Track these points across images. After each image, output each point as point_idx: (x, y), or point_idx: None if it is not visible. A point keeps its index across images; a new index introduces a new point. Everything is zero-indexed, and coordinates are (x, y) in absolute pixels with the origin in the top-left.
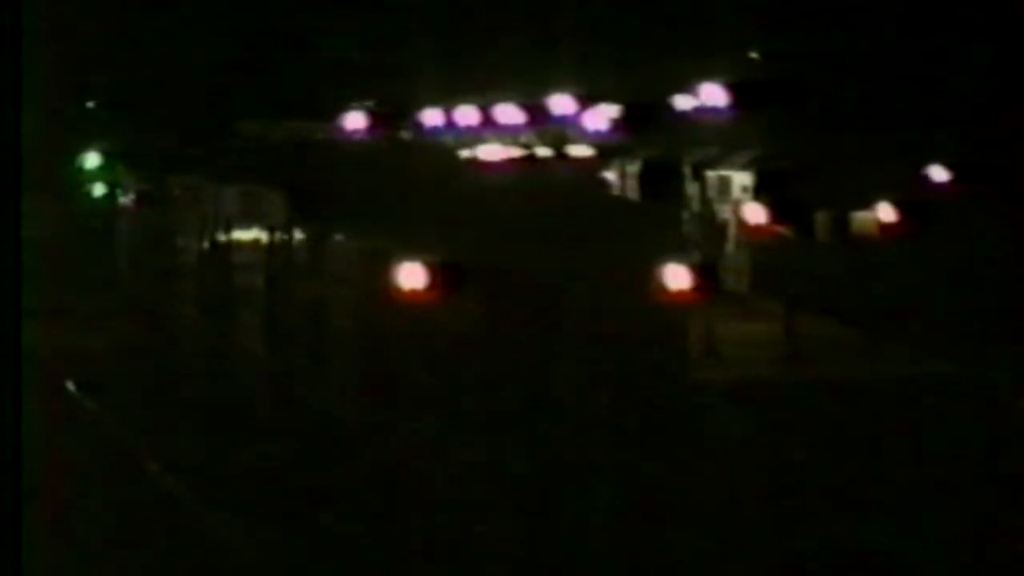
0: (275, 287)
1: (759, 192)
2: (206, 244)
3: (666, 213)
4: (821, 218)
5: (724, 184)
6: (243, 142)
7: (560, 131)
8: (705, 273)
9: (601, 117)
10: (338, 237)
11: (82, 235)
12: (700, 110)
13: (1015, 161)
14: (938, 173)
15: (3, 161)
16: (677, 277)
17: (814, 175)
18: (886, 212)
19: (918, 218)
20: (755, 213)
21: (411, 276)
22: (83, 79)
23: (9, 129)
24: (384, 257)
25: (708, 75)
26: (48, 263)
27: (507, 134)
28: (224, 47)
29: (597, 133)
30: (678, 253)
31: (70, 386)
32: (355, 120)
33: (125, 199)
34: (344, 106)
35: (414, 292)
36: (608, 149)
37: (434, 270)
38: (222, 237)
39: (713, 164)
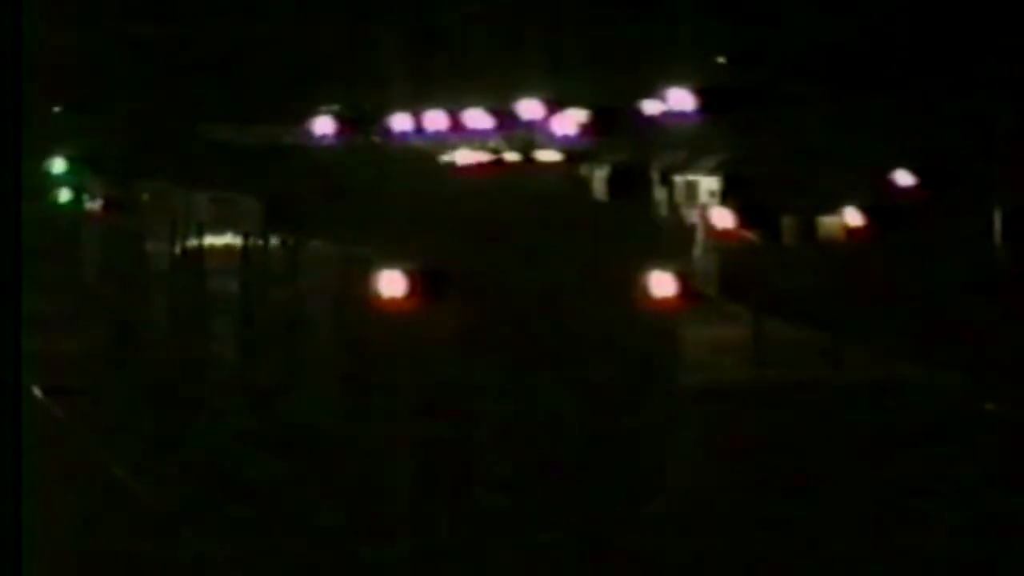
0: (250, 294)
1: (726, 196)
2: (177, 250)
3: (643, 217)
4: (788, 222)
5: (691, 189)
6: (209, 147)
7: (528, 136)
8: (689, 280)
9: (569, 122)
10: (314, 244)
11: (48, 240)
12: (668, 115)
13: (980, 165)
14: (903, 177)
15: (3, 164)
16: (662, 284)
17: (781, 179)
18: (852, 216)
19: (884, 222)
20: (722, 217)
21: (391, 284)
22: (48, 83)
23: (9, 132)
24: (362, 264)
25: (676, 80)
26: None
27: (475, 139)
28: (191, 51)
29: (565, 138)
30: (662, 258)
31: (36, 391)
32: (323, 125)
33: (92, 204)
34: (312, 111)
35: (394, 300)
36: (576, 154)
37: (414, 278)
38: (194, 243)
39: (680, 169)
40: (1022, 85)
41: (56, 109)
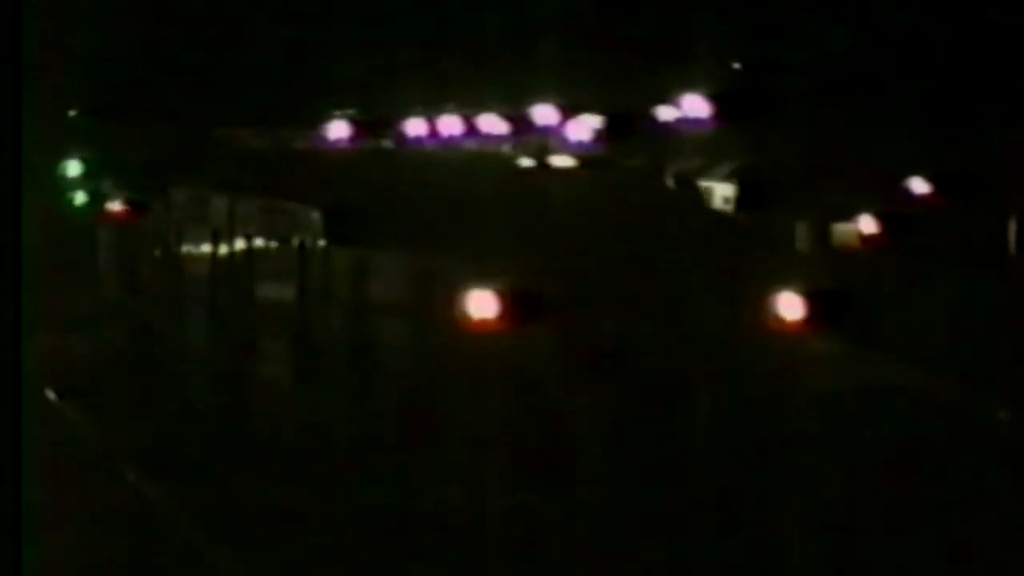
0: (307, 311)
1: (740, 203)
2: (219, 258)
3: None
4: (802, 229)
5: (706, 195)
6: (228, 150)
7: (542, 141)
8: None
9: (583, 128)
10: (383, 256)
11: (64, 242)
12: (682, 121)
13: (996, 173)
14: (919, 185)
15: (3, 164)
16: (792, 306)
17: (795, 186)
18: (867, 224)
19: (899, 230)
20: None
21: (481, 304)
22: (63, 86)
23: (9, 132)
24: (437, 279)
25: (690, 86)
26: (29, 268)
27: (489, 144)
28: (204, 54)
29: (579, 144)
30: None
31: (50, 394)
32: (338, 129)
33: (111, 207)
34: (327, 115)
35: (484, 322)
36: (590, 160)
37: (507, 298)
38: (239, 253)
39: (695, 175)
40: None
41: (72, 113)
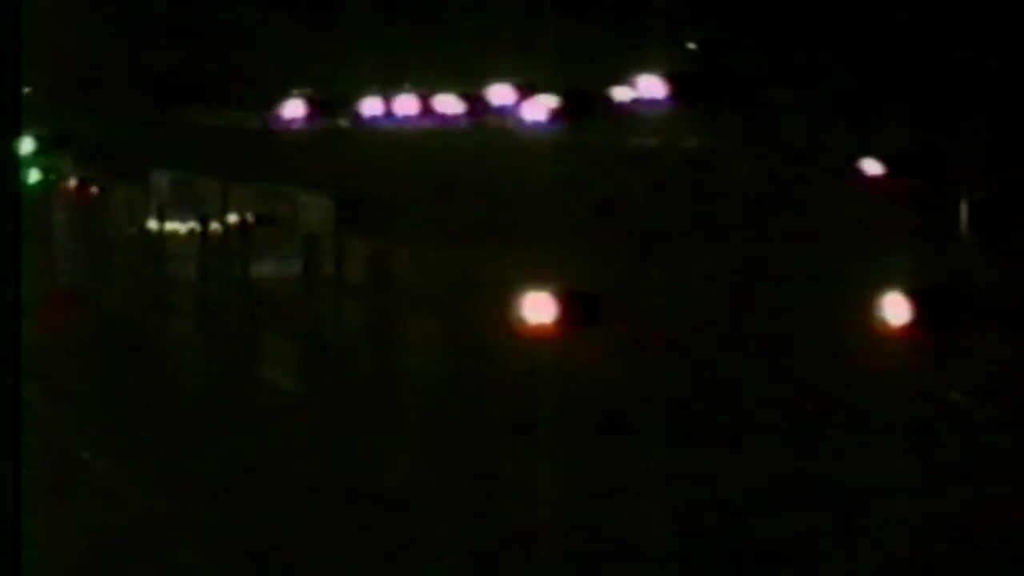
0: (317, 309)
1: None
2: (209, 244)
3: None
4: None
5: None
6: (185, 130)
7: (499, 121)
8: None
9: (540, 108)
10: (406, 250)
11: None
12: (638, 102)
13: (949, 155)
14: (872, 166)
15: (3, 163)
16: (897, 309)
17: (750, 167)
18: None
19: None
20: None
21: (538, 308)
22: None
23: (8, 131)
24: (469, 274)
25: (647, 67)
26: None
27: (446, 125)
28: (158, 33)
29: (535, 124)
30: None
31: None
32: (294, 108)
33: (67, 185)
34: (282, 94)
35: (541, 327)
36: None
37: (565, 301)
38: (233, 238)
39: (648, 157)
40: (993, 73)
41: (26, 90)
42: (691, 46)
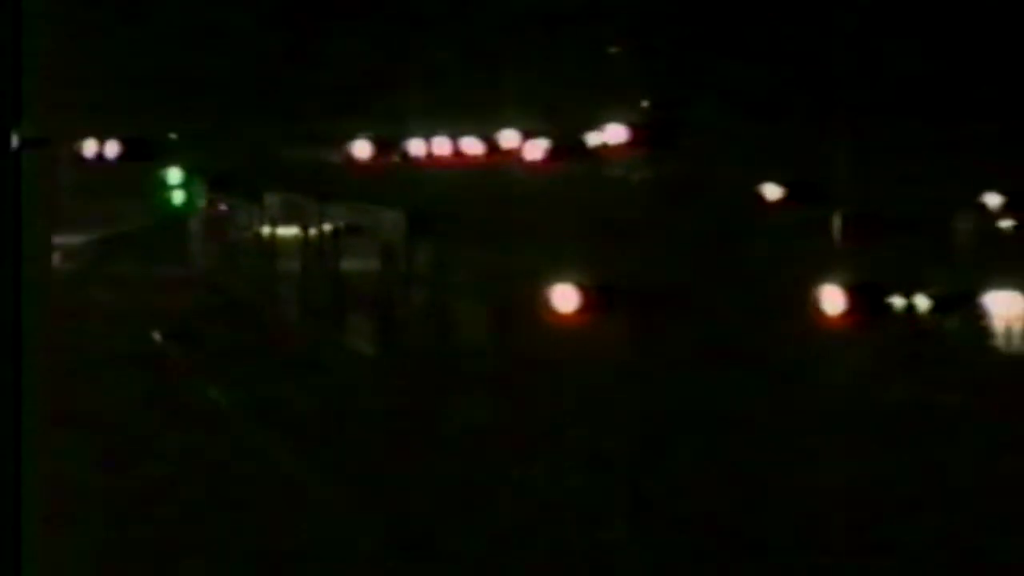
0: (389, 297)
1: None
2: (309, 248)
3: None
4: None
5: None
6: (289, 162)
7: (510, 158)
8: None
9: (537, 150)
10: (465, 255)
11: (168, 231)
12: (606, 147)
13: (850, 178)
14: (772, 191)
15: (3, 163)
16: (834, 299)
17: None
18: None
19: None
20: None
21: (564, 298)
22: (163, 105)
23: (6, 131)
24: (516, 276)
25: (615, 118)
26: (136, 248)
27: (472, 161)
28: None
29: (535, 161)
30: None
31: (156, 336)
32: (362, 148)
33: (206, 206)
34: (350, 134)
35: (567, 314)
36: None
37: (587, 292)
38: (328, 244)
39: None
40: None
41: (172, 135)
42: (644, 104)
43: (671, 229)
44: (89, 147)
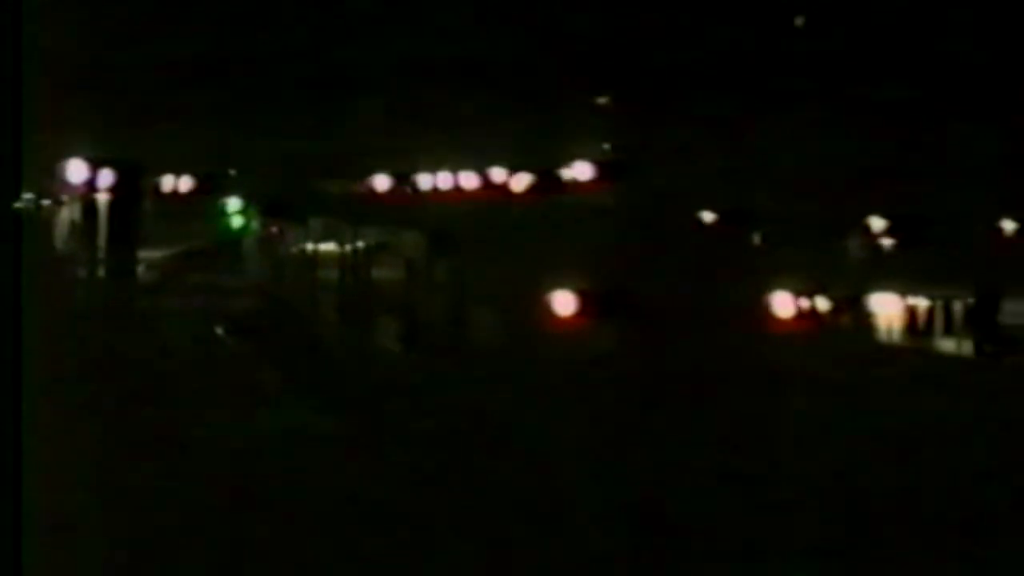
0: (413, 304)
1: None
2: (345, 263)
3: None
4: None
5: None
6: (325, 194)
7: (498, 189)
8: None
9: (519, 183)
10: (479, 268)
11: (228, 249)
12: (572, 183)
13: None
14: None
15: (3, 165)
16: (784, 305)
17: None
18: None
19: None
20: None
21: (563, 303)
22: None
23: (7, 133)
24: (526, 285)
25: (582, 156)
26: (203, 262)
27: (467, 192)
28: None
29: (518, 194)
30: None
31: (218, 330)
32: (382, 181)
33: (259, 228)
34: (370, 168)
35: (566, 318)
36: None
37: (584, 298)
38: (361, 260)
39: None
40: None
41: (232, 171)
42: (606, 146)
43: (633, 246)
44: (167, 182)
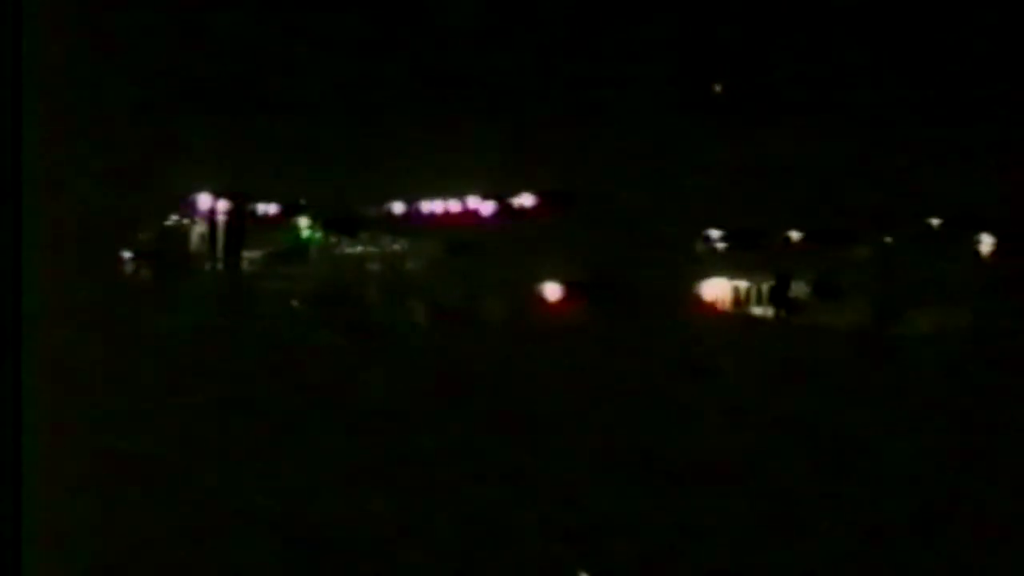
0: (435, 293)
1: None
2: (385, 263)
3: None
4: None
5: None
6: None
7: (472, 213)
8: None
9: (489, 209)
10: (488, 266)
11: (300, 253)
12: (522, 208)
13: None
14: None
15: (2, 164)
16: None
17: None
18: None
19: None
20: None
21: (552, 292)
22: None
23: (7, 133)
24: (510, 275)
25: (528, 187)
26: (283, 261)
27: (449, 217)
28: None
29: (480, 218)
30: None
31: (294, 303)
32: (398, 206)
33: (322, 238)
34: (390, 197)
35: (554, 304)
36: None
37: (567, 287)
38: (396, 261)
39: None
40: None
41: (302, 201)
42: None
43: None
44: (260, 208)
